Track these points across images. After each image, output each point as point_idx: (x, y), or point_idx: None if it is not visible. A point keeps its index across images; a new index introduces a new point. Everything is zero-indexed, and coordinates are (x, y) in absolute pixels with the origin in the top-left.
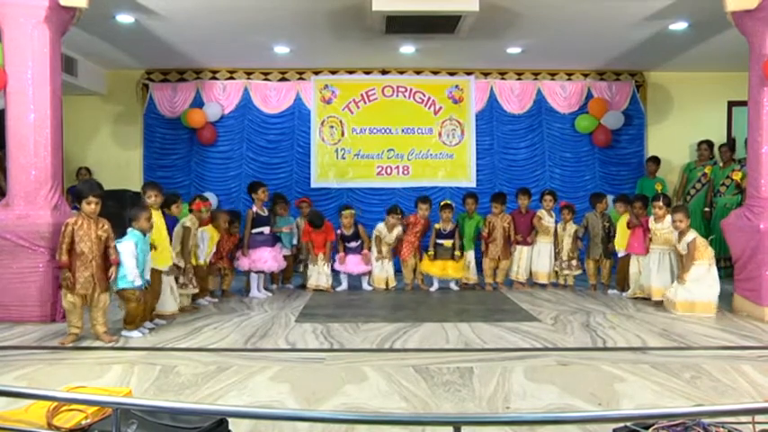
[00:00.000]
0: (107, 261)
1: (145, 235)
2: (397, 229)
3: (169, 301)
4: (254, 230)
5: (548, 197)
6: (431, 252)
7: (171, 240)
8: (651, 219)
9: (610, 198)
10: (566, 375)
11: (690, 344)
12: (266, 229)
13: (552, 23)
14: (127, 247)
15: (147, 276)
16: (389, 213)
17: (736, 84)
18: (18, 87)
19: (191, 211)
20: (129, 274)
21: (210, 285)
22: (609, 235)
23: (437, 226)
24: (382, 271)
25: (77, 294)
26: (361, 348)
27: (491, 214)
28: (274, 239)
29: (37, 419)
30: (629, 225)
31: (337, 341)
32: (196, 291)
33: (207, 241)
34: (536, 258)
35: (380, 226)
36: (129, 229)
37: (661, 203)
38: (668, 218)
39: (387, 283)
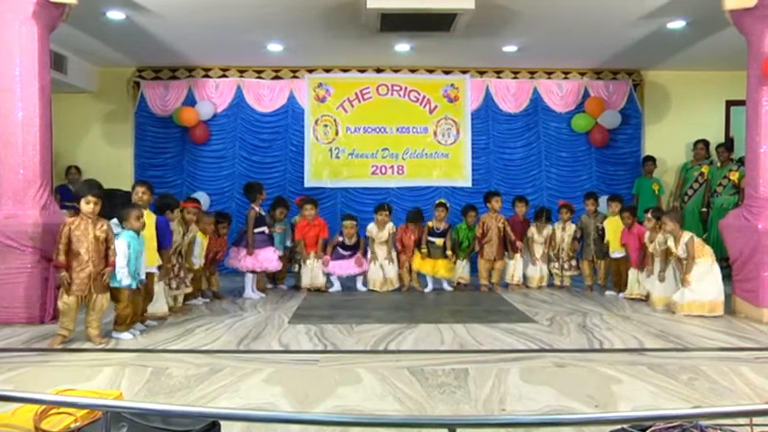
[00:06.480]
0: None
1: (138, 234)
2: (389, 226)
3: (159, 302)
4: (255, 230)
5: (540, 221)
6: (424, 249)
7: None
8: (647, 235)
9: (602, 199)
10: (562, 377)
11: (687, 345)
12: (266, 229)
13: (549, 22)
14: (119, 246)
15: (143, 276)
16: (377, 212)
17: (735, 83)
18: (6, 85)
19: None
20: (119, 272)
21: (204, 286)
22: (602, 236)
23: (430, 224)
24: (378, 272)
25: (74, 295)
26: (355, 350)
27: (485, 214)
28: (271, 239)
29: (24, 423)
30: (622, 234)
31: (331, 343)
32: (189, 290)
33: (199, 246)
34: (529, 263)
35: (371, 226)
36: (122, 229)
37: (650, 216)
38: (660, 235)
39: (382, 285)
